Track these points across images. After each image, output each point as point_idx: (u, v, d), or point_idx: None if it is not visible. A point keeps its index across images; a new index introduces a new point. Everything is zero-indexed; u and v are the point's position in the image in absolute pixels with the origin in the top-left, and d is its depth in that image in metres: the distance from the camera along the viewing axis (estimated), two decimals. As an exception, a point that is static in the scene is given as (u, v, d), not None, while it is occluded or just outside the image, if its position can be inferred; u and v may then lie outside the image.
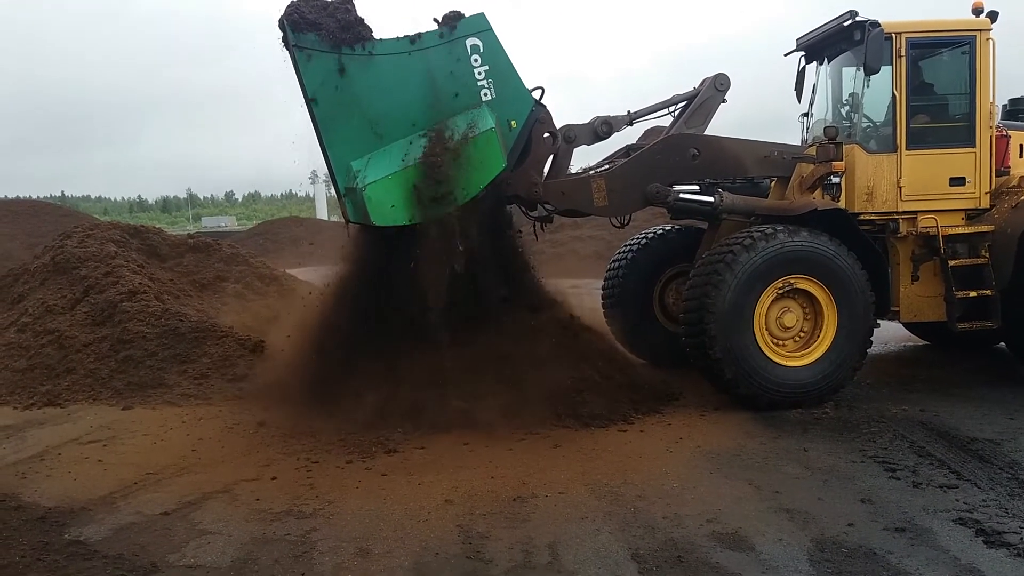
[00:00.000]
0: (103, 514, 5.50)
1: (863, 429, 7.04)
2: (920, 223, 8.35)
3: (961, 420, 7.20)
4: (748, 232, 7.69)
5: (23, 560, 4.73)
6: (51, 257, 11.14)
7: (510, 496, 5.63)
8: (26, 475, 6.40)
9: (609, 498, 5.55)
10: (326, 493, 5.78)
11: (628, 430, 7.18)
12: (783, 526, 4.99)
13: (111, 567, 4.65)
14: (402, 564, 4.61)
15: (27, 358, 9.50)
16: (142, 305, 9.96)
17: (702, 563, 4.51)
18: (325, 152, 6.91)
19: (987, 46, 8.25)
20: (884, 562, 4.46)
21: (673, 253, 9.84)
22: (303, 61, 6.77)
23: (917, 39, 8.23)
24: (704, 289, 7.53)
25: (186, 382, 8.99)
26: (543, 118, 7.77)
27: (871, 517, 5.10)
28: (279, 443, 7.03)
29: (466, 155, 6.68)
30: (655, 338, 9.82)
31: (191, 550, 4.88)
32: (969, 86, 8.35)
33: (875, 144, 8.48)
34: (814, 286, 7.66)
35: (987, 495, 5.40)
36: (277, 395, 8.22)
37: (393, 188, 6.65)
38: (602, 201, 8.11)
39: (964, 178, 8.35)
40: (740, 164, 8.45)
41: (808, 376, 7.68)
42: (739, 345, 7.46)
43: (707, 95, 8.62)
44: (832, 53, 9.10)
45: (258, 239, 39.66)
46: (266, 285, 12.61)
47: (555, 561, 4.60)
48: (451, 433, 6.99)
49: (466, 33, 7.12)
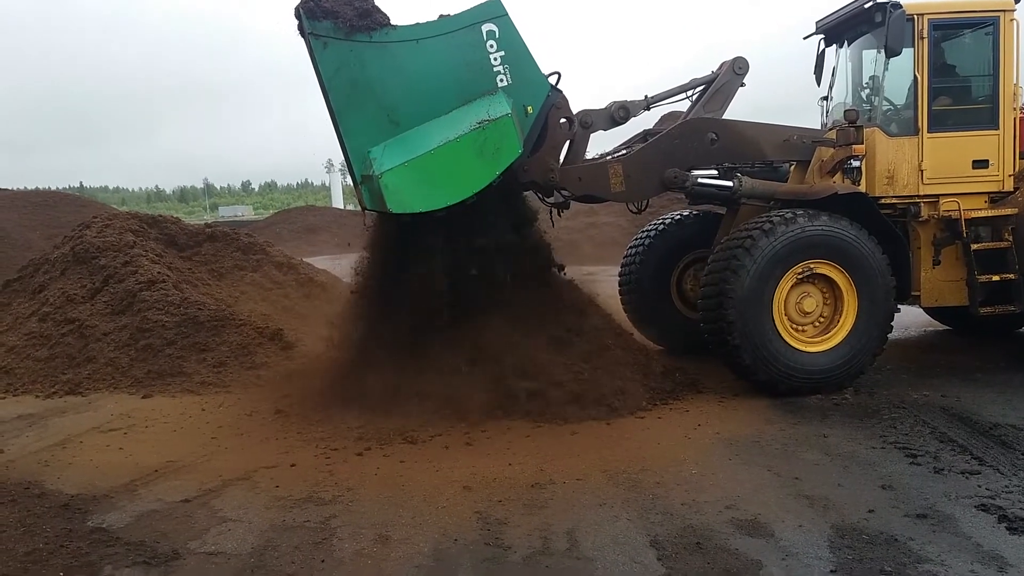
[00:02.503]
0: (125, 501, 5.55)
1: (883, 415, 6.98)
2: (942, 207, 8.25)
3: (983, 405, 7.13)
4: (768, 217, 7.63)
5: (47, 547, 4.79)
6: (71, 247, 11.22)
7: (528, 483, 5.63)
8: (49, 463, 6.47)
9: (627, 485, 5.53)
10: (345, 480, 5.81)
11: (646, 417, 7.16)
12: (803, 512, 4.96)
13: (133, 553, 4.70)
14: (421, 550, 4.62)
15: (48, 347, 9.60)
16: (161, 294, 10.03)
17: (721, 549, 4.50)
18: (341, 140, 6.90)
19: (1011, 27, 8.11)
20: (905, 548, 4.42)
21: (691, 239, 9.78)
22: (319, 49, 6.75)
23: (939, 20, 8.10)
24: (723, 275, 7.48)
25: (205, 370, 9.07)
26: (560, 103, 7.71)
27: (892, 503, 5.06)
28: (298, 430, 7.07)
29: (482, 142, 6.65)
30: (673, 324, 9.78)
31: (212, 537, 4.91)
32: (992, 67, 8.21)
33: (896, 127, 8.38)
34: (834, 271, 7.59)
35: (1010, 481, 5.35)
36: (296, 383, 8.27)
37: (410, 175, 6.62)
38: (619, 187, 8.06)
39: (987, 161, 8.24)
40: (759, 148, 8.36)
41: (828, 362, 7.62)
42: (758, 331, 7.41)
43: (725, 79, 8.51)
44: (852, 35, 8.98)
45: (275, 228, 39.84)
46: (284, 274, 12.64)
47: (573, 548, 4.60)
48: (469, 420, 6.99)
49: (482, 19, 7.07)
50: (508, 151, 6.78)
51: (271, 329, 10.02)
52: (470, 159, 6.64)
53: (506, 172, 6.85)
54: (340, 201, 76.01)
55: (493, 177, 6.74)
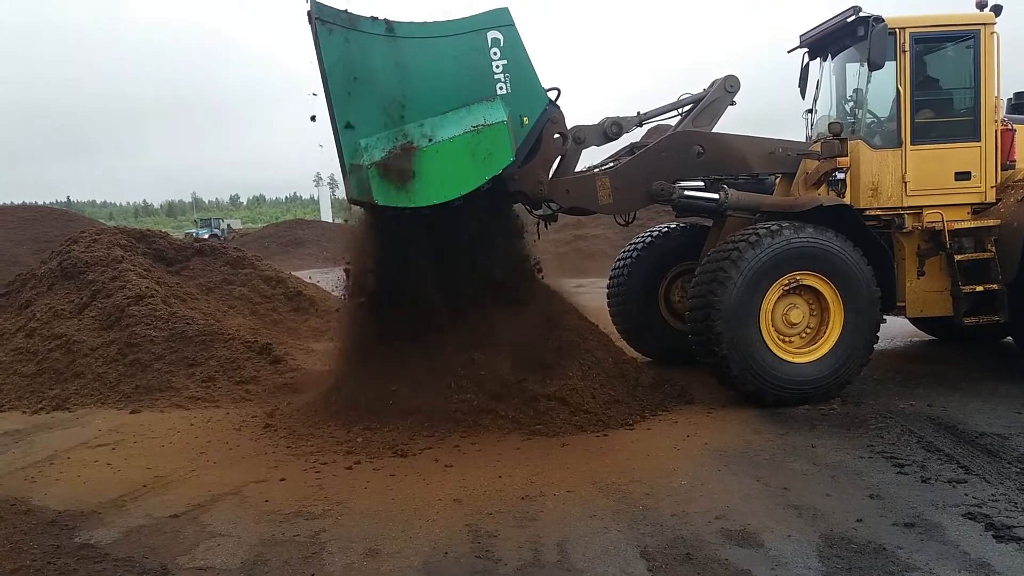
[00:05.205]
0: (113, 517, 5.51)
1: (871, 425, 7.03)
2: (926, 218, 8.34)
3: (969, 415, 7.19)
4: (754, 229, 7.69)
5: (34, 564, 4.75)
6: (58, 262, 11.18)
7: (518, 495, 5.63)
8: (36, 479, 6.42)
9: (617, 496, 5.55)
10: (335, 494, 5.80)
11: (635, 428, 7.18)
12: (792, 522, 4.99)
13: (121, 570, 4.67)
14: (412, 564, 4.62)
15: (35, 363, 9.53)
16: (149, 309, 10.00)
17: (711, 560, 4.51)
18: (335, 127, 6.88)
19: (992, 40, 8.23)
20: (894, 557, 4.45)
21: (678, 251, 9.85)
22: (324, 35, 6.74)
23: (921, 34, 8.21)
24: (710, 286, 7.52)
25: (193, 385, 9.03)
26: (556, 118, 7.75)
27: (880, 513, 5.09)
28: (287, 445, 7.05)
29: (475, 145, 6.66)
30: (661, 336, 9.84)
31: (201, 552, 4.89)
32: (973, 80, 8.32)
33: (880, 139, 8.47)
34: (820, 282, 7.65)
35: (996, 490, 5.39)
36: (284, 396, 8.24)
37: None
38: (607, 199, 8.11)
39: (969, 172, 8.33)
40: (745, 161, 8.44)
41: (815, 372, 7.67)
42: (745, 342, 7.46)
43: (716, 95, 8.58)
44: (836, 49, 9.09)
45: (263, 241, 39.75)
46: (272, 288, 12.64)
47: (564, 559, 4.60)
48: (458, 432, 7.00)
49: (488, 26, 7.11)
50: (500, 157, 6.80)
51: (260, 343, 10.01)
52: (462, 160, 6.65)
53: (496, 179, 6.88)
54: (329, 215, 75.88)
55: (483, 181, 6.75)
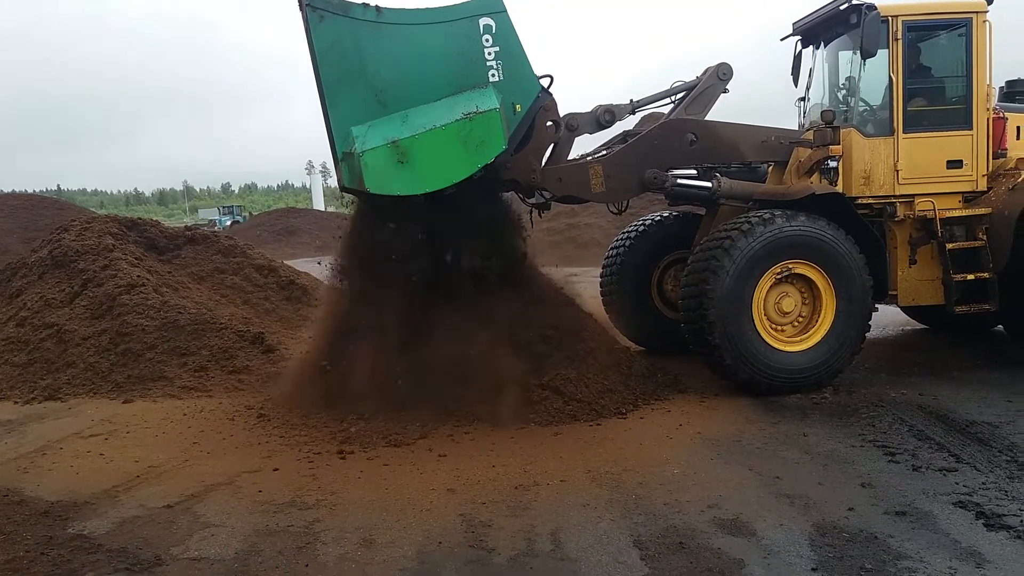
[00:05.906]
0: (106, 507, 5.51)
1: (862, 413, 7.06)
2: (917, 206, 8.36)
3: (960, 403, 7.23)
4: (746, 217, 7.70)
5: (27, 555, 4.74)
6: (49, 251, 11.11)
7: (512, 484, 5.65)
8: (28, 470, 6.41)
9: (610, 485, 5.57)
10: (328, 484, 5.80)
11: (628, 417, 7.21)
12: (784, 511, 5.02)
13: (115, 560, 4.66)
14: (406, 553, 4.63)
15: (27, 352, 9.49)
16: (141, 298, 9.95)
17: (703, 548, 4.54)
18: (326, 115, 6.84)
19: (984, 28, 8.23)
20: (885, 546, 4.48)
21: (671, 239, 9.84)
22: (315, 22, 6.70)
23: (913, 22, 8.21)
24: (703, 275, 7.53)
25: (186, 374, 9.00)
26: (548, 106, 7.72)
27: (871, 501, 5.12)
28: (280, 434, 7.04)
29: (467, 133, 6.63)
30: (653, 325, 9.86)
31: (195, 542, 4.89)
32: (966, 68, 8.33)
33: (872, 128, 8.48)
34: (812, 271, 7.67)
35: (986, 478, 5.43)
36: (278, 386, 8.22)
37: (391, 156, 6.56)
38: (599, 187, 8.10)
39: (961, 161, 8.36)
40: (737, 149, 8.43)
41: (807, 361, 7.70)
42: (738, 331, 7.48)
43: (708, 83, 8.56)
44: (828, 37, 9.08)
45: (255, 230, 39.61)
46: (264, 277, 12.58)
47: (557, 549, 4.62)
48: (452, 422, 7.01)
49: (480, 12, 7.07)
50: (493, 145, 6.75)
51: (252, 332, 9.97)
52: (454, 148, 6.58)
53: (488, 167, 6.85)
54: (321, 203, 75.68)
55: (475, 169, 6.69)
